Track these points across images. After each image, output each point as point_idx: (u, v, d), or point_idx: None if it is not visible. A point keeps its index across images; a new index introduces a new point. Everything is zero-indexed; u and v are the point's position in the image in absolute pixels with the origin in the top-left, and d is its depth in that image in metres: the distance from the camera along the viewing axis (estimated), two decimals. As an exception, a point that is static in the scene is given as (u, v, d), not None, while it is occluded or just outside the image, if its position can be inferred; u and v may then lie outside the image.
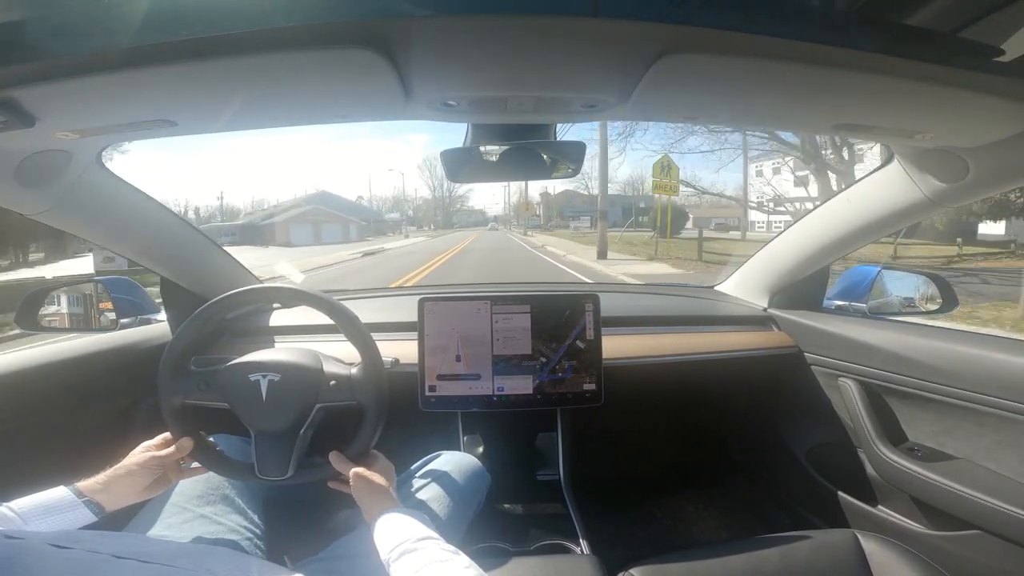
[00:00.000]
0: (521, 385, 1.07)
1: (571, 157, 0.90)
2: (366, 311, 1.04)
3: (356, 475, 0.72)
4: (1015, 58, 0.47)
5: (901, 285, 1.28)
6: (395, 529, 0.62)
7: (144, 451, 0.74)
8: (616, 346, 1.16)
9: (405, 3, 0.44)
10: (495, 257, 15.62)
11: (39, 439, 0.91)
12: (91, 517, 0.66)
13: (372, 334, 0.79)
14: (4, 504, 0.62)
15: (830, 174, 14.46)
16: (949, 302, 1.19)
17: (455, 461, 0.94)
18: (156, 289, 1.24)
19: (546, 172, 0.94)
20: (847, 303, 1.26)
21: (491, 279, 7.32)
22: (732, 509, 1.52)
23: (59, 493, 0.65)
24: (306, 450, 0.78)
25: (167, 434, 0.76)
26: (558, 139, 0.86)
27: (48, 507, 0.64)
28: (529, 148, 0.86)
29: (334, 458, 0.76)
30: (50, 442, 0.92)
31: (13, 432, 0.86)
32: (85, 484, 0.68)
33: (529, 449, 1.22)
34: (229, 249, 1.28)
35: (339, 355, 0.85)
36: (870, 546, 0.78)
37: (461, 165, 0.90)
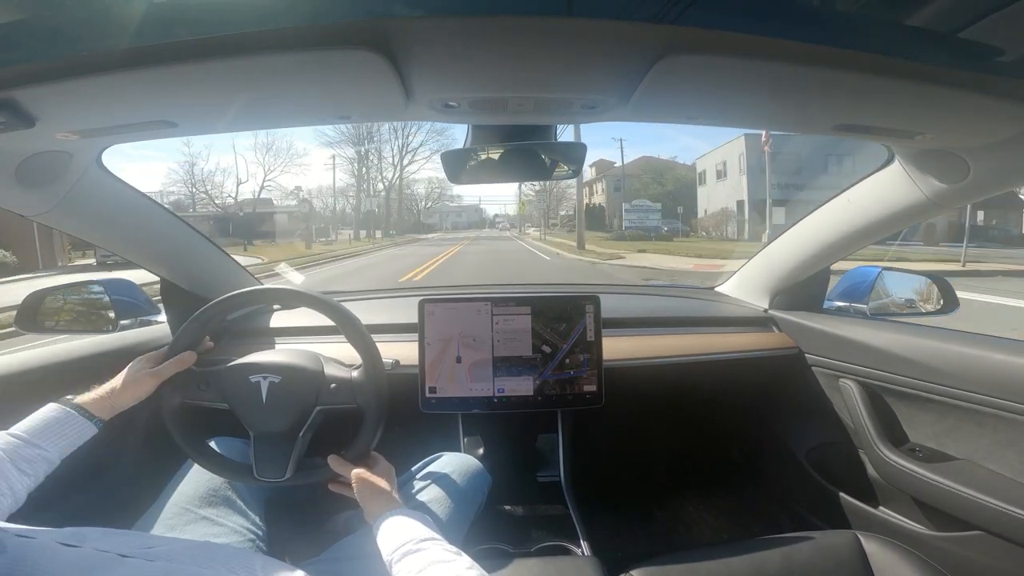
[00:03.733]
0: (522, 386, 1.07)
1: (571, 158, 0.90)
2: (366, 312, 1.04)
3: (357, 477, 0.72)
4: (1015, 59, 0.47)
5: (902, 286, 1.28)
6: (398, 530, 0.61)
7: (140, 363, 0.76)
8: (617, 347, 1.16)
9: (406, 4, 0.44)
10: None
11: None
12: (93, 429, 0.70)
13: (372, 335, 0.79)
14: (6, 432, 0.63)
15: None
16: (950, 303, 1.19)
17: (456, 462, 0.94)
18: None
19: (546, 173, 0.94)
20: (848, 304, 1.26)
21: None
22: (733, 510, 1.51)
23: (55, 411, 0.68)
24: (305, 452, 0.78)
25: (164, 350, 0.79)
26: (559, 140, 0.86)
27: (54, 426, 0.67)
28: (529, 149, 0.86)
29: (333, 461, 0.76)
30: None
31: None
32: (81, 399, 0.72)
33: (530, 450, 1.22)
34: None
35: (340, 357, 0.85)
36: (871, 547, 0.78)
37: (462, 166, 0.90)
